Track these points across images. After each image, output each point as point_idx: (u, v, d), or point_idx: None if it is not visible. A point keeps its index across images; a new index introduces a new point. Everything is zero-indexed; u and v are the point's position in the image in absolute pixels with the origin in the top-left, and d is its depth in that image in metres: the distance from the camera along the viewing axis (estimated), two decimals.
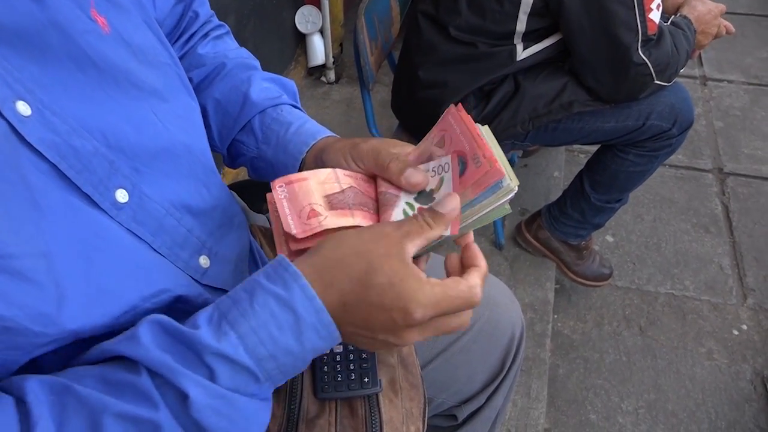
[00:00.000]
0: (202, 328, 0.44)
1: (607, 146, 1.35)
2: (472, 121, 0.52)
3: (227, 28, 0.77)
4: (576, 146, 2.10)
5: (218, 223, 0.59)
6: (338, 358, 0.62)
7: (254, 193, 0.82)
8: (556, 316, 1.64)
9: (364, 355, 0.62)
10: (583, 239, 1.58)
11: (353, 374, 0.61)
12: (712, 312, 1.66)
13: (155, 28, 0.60)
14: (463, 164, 0.51)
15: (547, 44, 1.19)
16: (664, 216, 1.92)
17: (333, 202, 0.53)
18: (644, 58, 1.11)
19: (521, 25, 1.14)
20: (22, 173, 0.43)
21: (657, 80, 1.15)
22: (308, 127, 0.67)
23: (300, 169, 0.65)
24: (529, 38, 1.18)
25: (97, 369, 0.44)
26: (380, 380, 0.62)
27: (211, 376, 0.43)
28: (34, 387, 0.41)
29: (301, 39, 2.19)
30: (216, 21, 0.76)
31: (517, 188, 0.49)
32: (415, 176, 0.52)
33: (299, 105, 0.73)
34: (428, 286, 0.45)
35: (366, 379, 0.61)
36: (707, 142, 2.14)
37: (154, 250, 0.51)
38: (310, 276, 0.46)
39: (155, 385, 0.42)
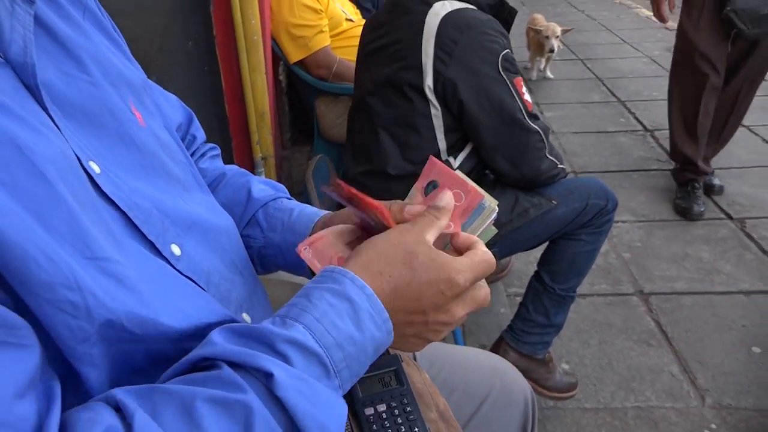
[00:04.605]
0: (268, 324, 0.47)
1: (559, 237, 1.51)
2: (448, 167, 0.63)
3: (218, 149, 0.87)
4: (513, 290, 2.25)
5: (251, 290, 0.64)
6: (384, 415, 0.63)
7: None
8: None
9: (408, 409, 0.63)
10: (548, 347, 1.65)
11: (402, 427, 0.61)
12: (680, 417, 1.71)
13: (173, 132, 0.69)
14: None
15: (470, 148, 1.41)
16: (608, 338, 2.03)
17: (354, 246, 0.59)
18: (534, 126, 1.36)
19: (443, 144, 1.37)
20: (102, 215, 0.48)
21: (548, 153, 1.40)
22: (309, 210, 0.75)
23: None
24: (455, 150, 1.40)
25: (178, 378, 0.45)
26: (429, 428, 0.62)
27: (287, 362, 0.44)
28: (120, 393, 0.42)
29: None
30: (209, 144, 0.86)
31: (497, 207, 0.59)
32: (414, 208, 0.58)
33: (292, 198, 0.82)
34: (458, 257, 0.52)
35: (416, 429, 0.61)
36: (622, 271, 2.37)
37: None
38: (357, 271, 0.51)
39: (238, 373, 0.43)
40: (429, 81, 1.33)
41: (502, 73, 1.32)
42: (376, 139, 1.41)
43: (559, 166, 1.46)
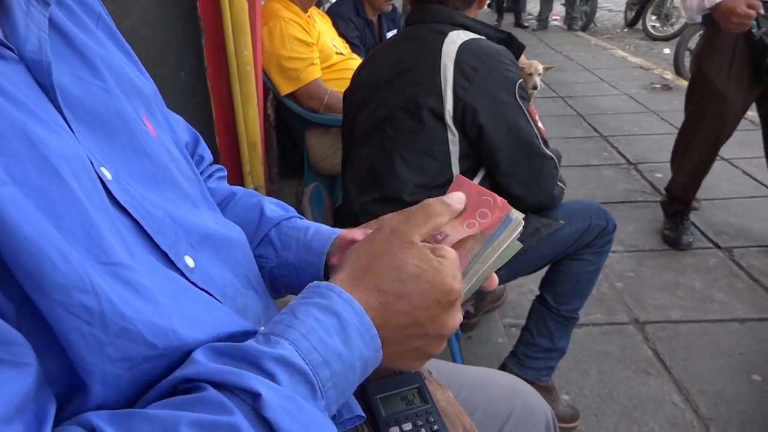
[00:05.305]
0: (252, 342, 0.44)
1: (562, 258, 1.51)
2: (475, 183, 0.61)
3: (225, 171, 0.85)
4: (508, 320, 2.22)
5: (265, 306, 0.60)
6: None
7: None
8: None
9: (435, 427, 0.60)
10: (551, 373, 1.62)
11: None
12: None
13: (182, 148, 0.67)
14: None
15: (483, 174, 1.41)
16: (606, 368, 2.00)
17: None
18: (550, 152, 1.38)
19: (456, 169, 1.36)
20: (115, 223, 0.45)
21: (559, 180, 1.40)
22: (325, 228, 0.72)
23: (325, 264, 0.68)
24: (467, 176, 1.38)
25: (159, 402, 0.41)
26: None
27: (274, 380, 0.41)
28: (95, 417, 0.38)
29: None
30: (216, 165, 0.84)
31: (523, 221, 0.57)
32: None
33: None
34: (442, 260, 0.49)
35: None
36: (616, 301, 2.36)
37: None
38: (343, 285, 0.48)
39: (223, 394, 0.40)
40: (449, 106, 1.33)
41: (518, 100, 1.35)
42: (390, 166, 1.39)
43: (564, 191, 1.48)
